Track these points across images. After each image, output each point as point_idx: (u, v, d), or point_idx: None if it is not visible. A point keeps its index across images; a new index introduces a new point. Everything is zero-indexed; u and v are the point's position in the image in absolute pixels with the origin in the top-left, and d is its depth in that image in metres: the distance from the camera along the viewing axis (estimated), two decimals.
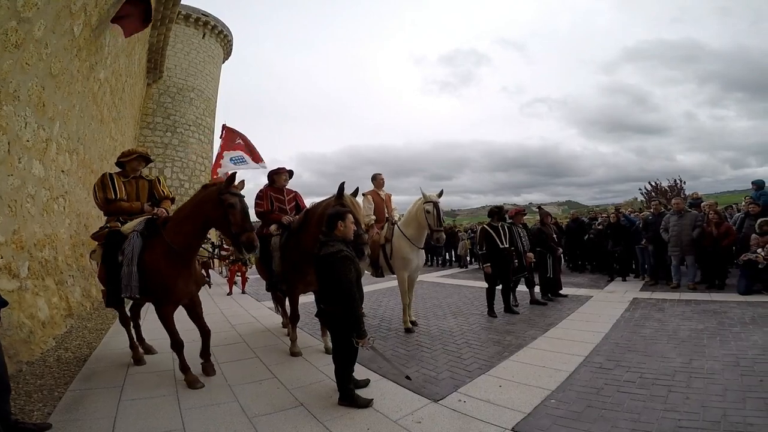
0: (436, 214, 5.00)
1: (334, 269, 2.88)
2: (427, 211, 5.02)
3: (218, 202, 3.34)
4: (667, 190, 23.36)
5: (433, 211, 4.99)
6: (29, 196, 5.32)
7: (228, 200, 3.31)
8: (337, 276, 2.87)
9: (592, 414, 2.66)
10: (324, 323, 3.39)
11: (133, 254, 3.41)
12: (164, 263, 3.42)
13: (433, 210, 4.99)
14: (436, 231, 5.00)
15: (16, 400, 3.04)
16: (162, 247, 3.45)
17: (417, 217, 5.18)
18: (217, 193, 3.38)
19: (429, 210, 5.01)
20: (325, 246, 2.99)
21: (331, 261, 2.90)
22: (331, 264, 2.90)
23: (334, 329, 3.05)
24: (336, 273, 2.88)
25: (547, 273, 6.81)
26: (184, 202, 3.76)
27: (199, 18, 24.78)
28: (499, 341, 4.52)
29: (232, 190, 3.37)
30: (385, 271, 5.56)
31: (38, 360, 4.07)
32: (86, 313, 6.59)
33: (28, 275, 4.89)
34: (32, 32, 4.83)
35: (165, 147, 22.88)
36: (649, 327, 4.67)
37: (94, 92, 8.74)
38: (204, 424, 2.72)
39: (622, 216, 8.96)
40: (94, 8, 6.89)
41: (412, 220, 5.28)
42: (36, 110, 5.38)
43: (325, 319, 3.15)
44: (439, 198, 5.12)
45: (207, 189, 3.56)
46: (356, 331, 2.86)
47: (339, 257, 2.89)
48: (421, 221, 5.12)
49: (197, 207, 3.49)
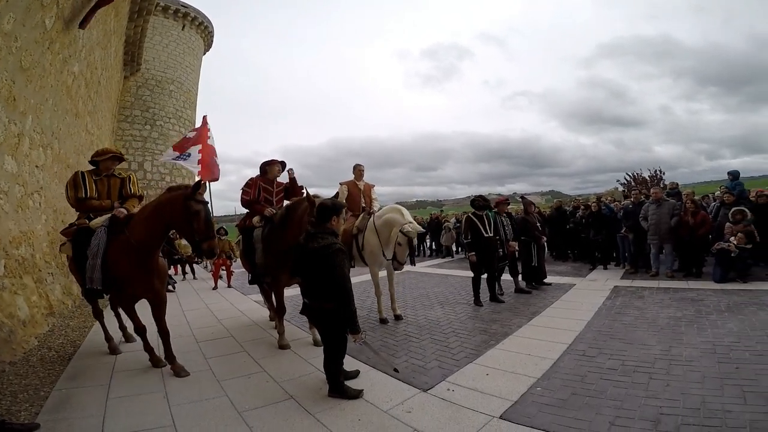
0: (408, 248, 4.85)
1: (328, 262, 2.82)
2: (398, 243, 4.80)
3: (183, 208, 3.39)
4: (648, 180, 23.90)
5: (404, 245, 4.77)
6: (2, 193, 5.17)
7: (193, 207, 3.38)
8: (331, 269, 2.81)
9: (577, 401, 2.73)
10: (311, 318, 3.32)
11: (98, 249, 3.53)
12: (125, 258, 3.51)
13: (405, 244, 4.77)
14: (397, 263, 4.91)
15: (2, 400, 2.99)
16: (124, 243, 3.52)
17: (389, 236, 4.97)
18: (183, 198, 3.42)
19: (401, 243, 4.77)
20: (315, 239, 2.91)
21: (324, 254, 2.83)
22: (324, 257, 2.83)
23: (322, 323, 3.02)
24: (330, 266, 2.81)
25: (532, 261, 6.93)
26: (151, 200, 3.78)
27: (178, 9, 24.04)
28: (486, 330, 4.60)
29: (197, 198, 3.43)
30: (356, 262, 5.44)
31: (21, 360, 3.97)
32: (68, 311, 6.43)
33: (4, 274, 4.76)
34: (0, 26, 4.67)
35: (144, 140, 22.29)
36: (630, 315, 4.81)
37: (68, 86, 8.44)
38: (194, 420, 2.71)
39: (603, 205, 9.15)
40: (66, 1, 6.64)
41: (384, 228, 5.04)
42: (6, 104, 5.21)
43: (311, 314, 3.09)
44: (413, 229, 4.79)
45: (172, 192, 3.58)
46: (351, 327, 2.85)
47: (333, 250, 2.83)
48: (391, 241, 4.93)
49: (160, 208, 3.53)
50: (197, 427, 2.63)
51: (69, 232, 4.01)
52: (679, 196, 8.33)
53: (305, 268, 2.99)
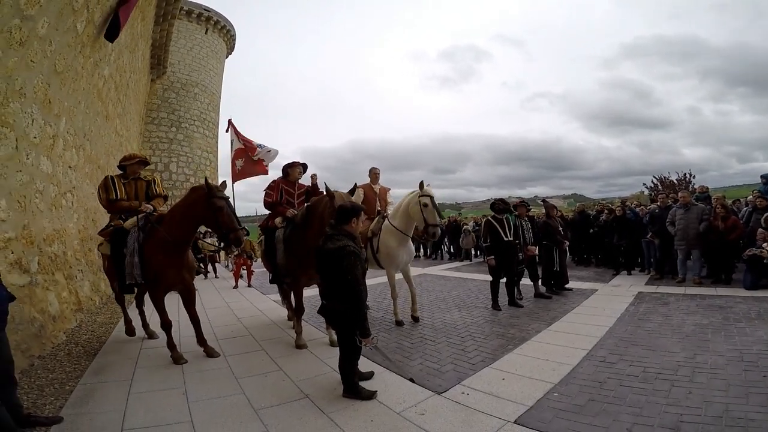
0: (434, 208, 4.78)
1: (341, 264, 2.85)
2: (424, 205, 4.77)
3: (208, 205, 3.77)
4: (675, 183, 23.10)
5: (430, 205, 4.76)
6: (38, 192, 5.38)
7: (216, 204, 3.76)
8: (343, 271, 2.84)
9: (594, 407, 2.68)
10: (327, 319, 3.33)
11: (134, 246, 3.94)
12: (161, 254, 3.91)
13: (431, 204, 4.76)
14: (432, 226, 4.77)
15: (29, 394, 3.12)
16: (160, 240, 3.92)
17: (408, 210, 4.97)
18: (206, 197, 3.80)
19: (426, 204, 4.76)
20: (331, 240, 2.95)
21: (338, 255, 2.86)
22: (338, 258, 2.86)
23: (338, 324, 3.05)
24: (342, 268, 2.84)
25: (554, 266, 6.79)
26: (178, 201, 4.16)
27: (201, 13, 24.70)
28: (503, 334, 4.54)
29: (218, 194, 3.81)
30: (372, 265, 5.43)
31: (49, 354, 4.15)
32: (95, 308, 6.69)
33: (38, 270, 4.94)
34: (36, 30, 4.85)
35: (170, 142, 22.97)
36: (654, 321, 4.66)
37: (99, 88, 8.78)
38: (211, 416, 2.78)
39: (628, 209, 8.90)
40: (96, 5, 6.90)
41: (402, 212, 5.09)
42: (42, 107, 5.43)
43: (327, 314, 3.12)
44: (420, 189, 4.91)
45: (196, 192, 3.96)
46: (360, 330, 2.87)
47: (346, 252, 2.86)
48: (414, 215, 4.92)
49: (191, 207, 3.91)
50: (214, 423, 2.69)
51: (106, 233, 4.43)
52: (708, 200, 8.02)
53: (322, 269, 3.04)
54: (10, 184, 4.54)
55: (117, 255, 4.10)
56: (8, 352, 2.53)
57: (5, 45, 4.24)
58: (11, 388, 2.54)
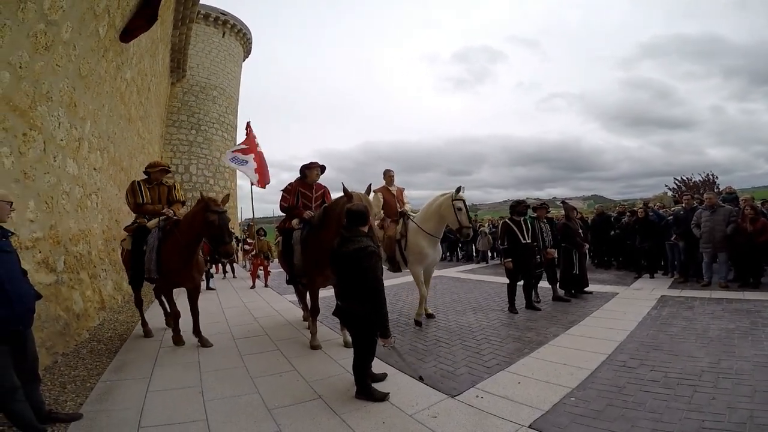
0: (467, 212, 5.07)
1: (362, 265, 2.83)
2: (458, 209, 5.03)
3: (203, 218, 4.11)
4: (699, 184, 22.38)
5: (464, 209, 5.04)
6: (64, 193, 5.55)
7: (209, 218, 4.08)
8: (364, 272, 2.83)
9: (612, 413, 2.61)
10: (342, 320, 3.32)
11: (154, 244, 4.43)
12: (176, 254, 4.34)
13: (464, 207, 5.05)
14: (466, 228, 5.06)
15: (51, 390, 3.21)
16: (176, 242, 4.34)
17: (441, 212, 5.18)
18: (203, 210, 4.14)
19: (460, 207, 5.03)
20: (350, 242, 2.93)
21: (359, 256, 2.84)
22: (358, 260, 2.85)
23: (354, 325, 3.04)
24: (364, 269, 2.83)
25: (573, 269, 6.66)
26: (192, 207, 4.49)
27: (218, 17, 25.19)
28: (520, 338, 4.47)
29: (212, 208, 4.10)
30: (401, 266, 5.57)
31: (72, 351, 4.27)
32: (117, 306, 6.87)
33: (64, 269, 5.09)
34: (60, 34, 4.99)
35: (190, 144, 23.48)
36: (677, 325, 4.52)
37: (122, 92, 9.03)
38: (226, 415, 2.81)
39: (650, 211, 8.66)
40: (116, 10, 7.07)
41: (433, 214, 5.27)
42: (68, 110, 5.60)
43: (343, 316, 3.11)
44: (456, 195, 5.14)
45: (198, 204, 4.27)
46: (382, 330, 2.86)
47: (367, 252, 2.85)
48: (446, 216, 5.13)
49: (193, 218, 4.29)
50: (228, 422, 2.72)
51: (131, 229, 4.93)
52: (735, 201, 7.73)
53: (340, 270, 3.02)
54: (38, 186, 4.69)
55: (136, 250, 4.67)
56: (34, 349, 2.61)
57: (32, 49, 4.36)
58: (35, 385, 2.61)
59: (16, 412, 2.29)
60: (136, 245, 4.71)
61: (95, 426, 2.70)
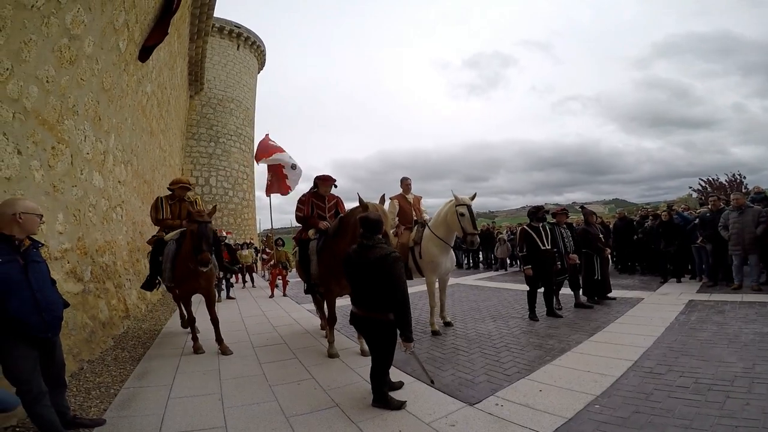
0: (470, 217, 4.88)
1: (391, 271, 2.80)
2: (460, 214, 4.90)
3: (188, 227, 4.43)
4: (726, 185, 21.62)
5: (467, 214, 4.87)
6: (91, 206, 5.73)
7: (188, 227, 4.40)
8: (392, 278, 2.80)
9: (639, 419, 2.52)
10: (360, 329, 3.23)
11: (169, 255, 4.79)
12: (184, 264, 4.57)
13: (468, 213, 4.88)
14: (471, 234, 4.86)
15: (76, 396, 3.29)
16: (184, 252, 4.61)
17: (447, 220, 5.09)
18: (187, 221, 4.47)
19: (463, 213, 4.88)
20: (374, 249, 2.91)
21: (386, 263, 2.82)
22: (384, 266, 2.82)
23: (373, 333, 2.99)
24: (391, 275, 2.80)
25: (594, 275, 6.50)
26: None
27: (233, 30, 25.85)
28: (541, 345, 4.37)
29: (194, 218, 4.34)
30: (414, 274, 5.52)
31: (98, 359, 4.37)
32: (141, 315, 7.03)
33: (90, 279, 5.24)
34: (83, 49, 5.13)
35: (209, 157, 24.03)
36: (707, 330, 4.35)
37: (143, 105, 9.29)
38: (244, 423, 2.82)
39: (675, 213, 8.40)
40: (135, 24, 7.27)
41: (442, 222, 5.20)
42: (93, 124, 5.78)
43: (362, 324, 3.07)
44: (472, 200, 5.02)
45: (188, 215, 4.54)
46: (407, 334, 2.82)
47: (394, 258, 2.83)
48: (452, 224, 5.02)
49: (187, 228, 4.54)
50: (247, 429, 2.73)
51: (151, 241, 5.43)
52: (765, 201, 7.43)
53: (360, 278, 2.99)
54: (67, 199, 4.85)
55: (154, 259, 5.18)
56: (61, 355, 2.68)
57: (57, 64, 4.47)
58: (61, 391, 2.69)
59: (43, 416, 2.35)
60: (153, 256, 5.24)
61: (117, 431, 2.75)
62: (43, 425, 2.37)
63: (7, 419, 2.63)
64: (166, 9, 8.53)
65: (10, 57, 3.50)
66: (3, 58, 3.40)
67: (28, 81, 3.86)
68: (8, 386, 2.35)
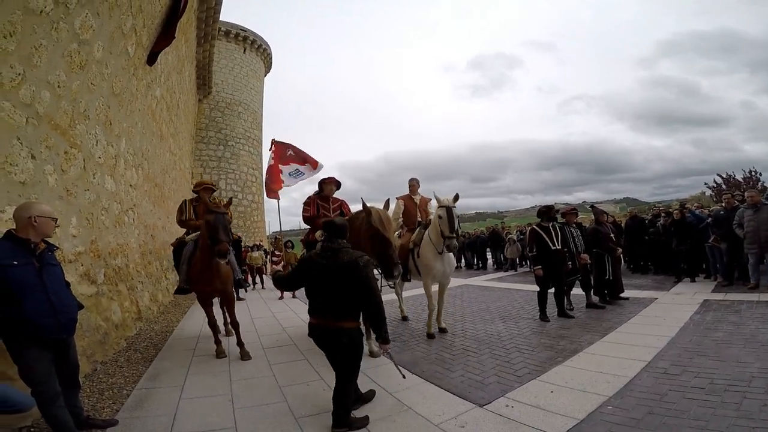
0: (448, 220, 4.69)
1: (364, 275, 2.63)
2: (438, 217, 4.80)
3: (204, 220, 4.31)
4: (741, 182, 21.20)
5: (445, 217, 4.71)
6: (103, 209, 5.80)
7: (206, 218, 4.25)
8: (366, 281, 2.63)
9: (653, 421, 2.48)
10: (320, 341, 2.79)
11: (186, 255, 4.76)
12: (198, 264, 4.52)
13: (445, 215, 4.71)
14: (447, 238, 4.70)
15: (90, 397, 3.34)
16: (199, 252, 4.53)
17: (435, 223, 4.99)
18: (204, 213, 4.47)
19: (441, 215, 4.76)
20: (341, 252, 2.72)
21: (359, 266, 2.64)
22: (357, 269, 2.63)
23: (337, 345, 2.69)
24: (366, 278, 2.63)
25: (605, 275, 6.41)
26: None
27: (238, 33, 26.04)
28: (552, 346, 4.32)
29: (211, 209, 4.28)
30: (413, 276, 5.48)
31: (111, 360, 4.43)
32: (153, 317, 7.11)
33: (103, 281, 5.31)
34: (92, 53, 5.18)
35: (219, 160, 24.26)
36: (723, 330, 4.27)
37: (153, 109, 9.39)
38: (254, 424, 2.84)
39: (688, 212, 8.26)
40: (142, 28, 7.35)
41: (433, 225, 5.11)
42: (104, 128, 5.85)
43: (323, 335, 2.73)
44: (454, 202, 4.85)
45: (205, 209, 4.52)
46: (383, 335, 2.67)
47: (365, 261, 2.68)
48: (437, 227, 4.89)
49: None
50: (256, 430, 2.74)
51: (174, 243, 5.40)
52: None
53: (326, 284, 2.71)
54: (80, 202, 4.92)
55: (176, 261, 5.20)
56: (75, 357, 2.71)
57: (68, 69, 4.52)
58: (75, 392, 2.73)
59: (57, 417, 2.38)
60: (175, 257, 5.24)
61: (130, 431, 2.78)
62: (57, 426, 2.40)
63: (23, 420, 2.67)
64: (172, 13, 8.65)
65: (22, 62, 3.55)
66: (15, 63, 3.44)
67: (40, 86, 3.90)
68: (23, 387, 2.38)
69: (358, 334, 2.73)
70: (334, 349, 2.72)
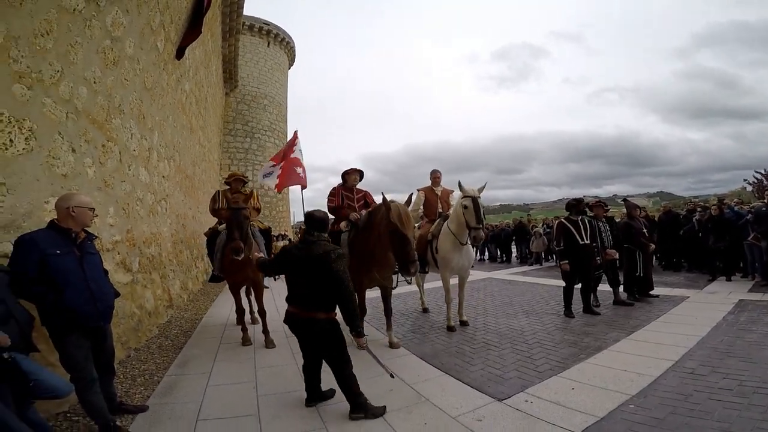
0: (474, 210, 4.63)
1: (334, 267, 2.70)
2: (464, 207, 4.72)
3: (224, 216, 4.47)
4: None
5: (471, 207, 4.65)
6: (138, 200, 6.03)
7: (224, 213, 4.45)
8: (336, 274, 2.70)
9: (675, 421, 2.43)
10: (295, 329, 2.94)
11: (220, 245, 4.89)
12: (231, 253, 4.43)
13: (471, 205, 4.65)
14: (474, 229, 4.65)
15: (123, 383, 3.50)
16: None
17: (456, 214, 4.94)
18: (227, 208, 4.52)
19: (467, 205, 4.69)
20: (317, 245, 2.82)
21: (331, 258, 2.71)
22: (329, 261, 2.71)
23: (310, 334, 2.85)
24: (336, 271, 2.70)
25: (636, 271, 6.22)
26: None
27: (262, 27, 26.25)
28: (576, 342, 4.26)
29: (230, 206, 4.34)
30: (431, 268, 5.46)
31: (143, 347, 4.62)
32: (184, 304, 7.39)
33: (138, 269, 5.52)
34: (124, 50, 5.36)
35: (246, 152, 24.73)
36: (758, 332, 4.10)
37: (182, 103, 9.66)
38: (275, 410, 2.94)
39: (726, 208, 7.88)
40: (170, 24, 7.53)
41: (454, 216, 5.05)
42: (138, 122, 6.07)
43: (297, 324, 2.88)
44: (480, 192, 4.79)
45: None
46: (355, 328, 2.74)
47: (338, 255, 2.75)
48: (460, 218, 4.84)
49: None
50: (278, 418, 2.84)
51: (207, 233, 5.56)
52: None
53: (300, 274, 2.83)
54: (117, 193, 5.13)
55: (210, 250, 5.32)
56: (111, 344, 2.82)
57: (102, 65, 4.69)
58: (110, 378, 2.84)
59: (93, 402, 2.49)
60: (209, 246, 5.37)
61: (158, 418, 2.90)
62: (92, 411, 2.51)
63: (60, 405, 2.80)
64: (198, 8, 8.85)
65: (60, 59, 3.70)
66: (53, 60, 3.59)
67: (78, 82, 4.06)
68: (63, 374, 2.47)
69: (331, 325, 2.81)
70: (308, 338, 2.91)
